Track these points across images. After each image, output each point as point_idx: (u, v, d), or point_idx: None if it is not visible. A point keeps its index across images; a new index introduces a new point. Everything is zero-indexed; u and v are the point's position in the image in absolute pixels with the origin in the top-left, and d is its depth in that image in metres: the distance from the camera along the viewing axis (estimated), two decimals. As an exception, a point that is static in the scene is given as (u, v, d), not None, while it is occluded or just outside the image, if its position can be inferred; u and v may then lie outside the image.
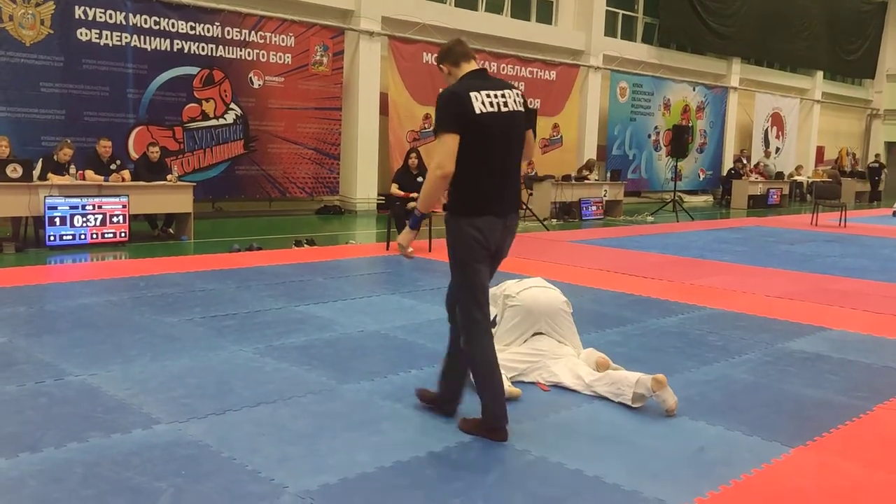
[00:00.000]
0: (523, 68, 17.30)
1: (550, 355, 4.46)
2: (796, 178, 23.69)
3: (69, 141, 9.76)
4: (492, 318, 4.68)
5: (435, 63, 4.89)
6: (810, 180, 23.33)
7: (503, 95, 3.55)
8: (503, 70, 16.86)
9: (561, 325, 4.55)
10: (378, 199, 14.68)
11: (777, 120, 24.99)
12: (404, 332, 5.58)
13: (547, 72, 17.87)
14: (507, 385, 4.13)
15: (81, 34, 11.28)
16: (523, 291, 4.52)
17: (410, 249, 3.68)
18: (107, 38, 11.54)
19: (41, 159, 9.19)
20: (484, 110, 3.46)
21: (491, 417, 3.60)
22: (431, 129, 15.33)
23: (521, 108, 3.62)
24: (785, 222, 15.91)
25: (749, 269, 9.19)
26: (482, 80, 3.59)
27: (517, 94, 3.65)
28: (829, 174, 23.53)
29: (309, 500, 2.94)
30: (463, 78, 3.61)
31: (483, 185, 3.50)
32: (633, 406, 4.04)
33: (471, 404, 3.76)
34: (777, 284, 8.08)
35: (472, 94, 3.46)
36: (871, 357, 5.31)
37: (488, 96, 3.49)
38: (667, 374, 4.71)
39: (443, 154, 3.40)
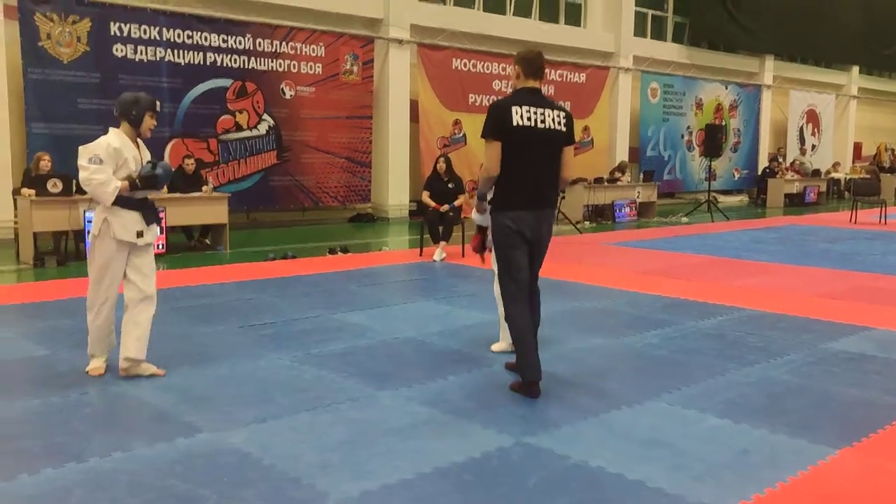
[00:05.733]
0: (553, 71, 17.22)
1: None
2: (834, 175, 23.28)
3: (42, 153, 9.70)
4: None
5: (459, 66, 6.20)
6: (848, 177, 22.92)
7: (543, 114, 4.15)
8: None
9: None
10: (410, 206, 14.71)
11: (812, 117, 24.59)
12: (440, 338, 5.58)
13: (576, 74, 17.78)
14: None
15: (117, 50, 11.48)
16: None
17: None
18: (142, 54, 11.73)
19: (24, 172, 8.97)
20: (521, 123, 4.09)
21: (524, 375, 4.27)
22: (461, 134, 15.46)
23: (561, 128, 4.21)
24: (823, 220, 15.63)
25: (787, 268, 9.05)
26: (532, 96, 4.21)
27: (561, 115, 4.23)
28: (867, 170, 23.10)
29: (350, 507, 2.96)
30: (517, 91, 4.27)
31: (516, 186, 4.17)
32: None
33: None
34: (817, 284, 7.95)
35: (514, 108, 4.11)
36: (918, 356, 5.19)
37: (528, 111, 4.12)
38: (706, 376, 4.67)
39: (489, 160, 4.15)
